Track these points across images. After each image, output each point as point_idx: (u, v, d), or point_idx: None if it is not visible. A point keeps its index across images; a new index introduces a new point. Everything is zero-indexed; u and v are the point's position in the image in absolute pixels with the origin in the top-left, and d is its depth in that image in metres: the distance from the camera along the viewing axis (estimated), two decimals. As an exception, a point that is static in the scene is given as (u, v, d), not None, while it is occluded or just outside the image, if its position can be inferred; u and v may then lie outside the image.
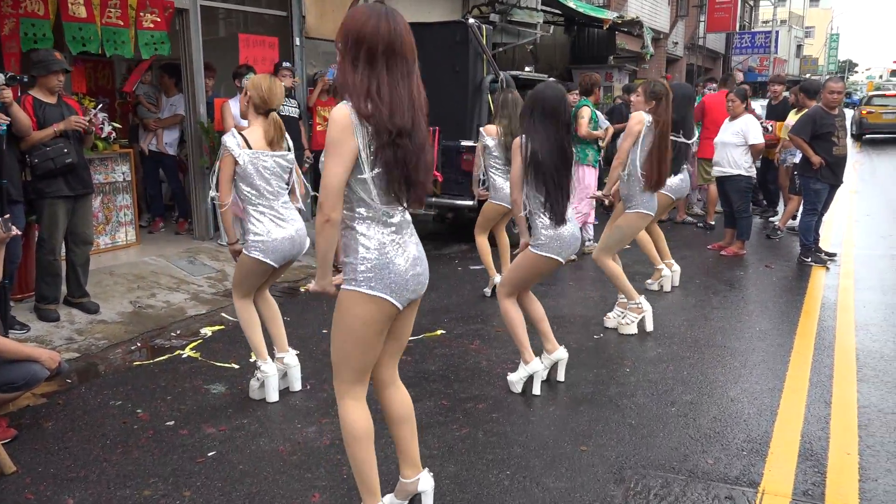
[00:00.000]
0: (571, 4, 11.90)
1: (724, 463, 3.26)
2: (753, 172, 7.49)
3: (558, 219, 3.81)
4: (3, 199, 4.44)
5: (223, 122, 6.93)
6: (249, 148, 3.71)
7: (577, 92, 8.06)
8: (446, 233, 8.84)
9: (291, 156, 3.90)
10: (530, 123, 3.80)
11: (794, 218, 8.58)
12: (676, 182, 5.97)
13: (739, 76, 12.15)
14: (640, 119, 4.87)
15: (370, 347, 2.45)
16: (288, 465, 3.25)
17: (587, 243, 7.52)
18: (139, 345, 5.02)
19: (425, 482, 2.74)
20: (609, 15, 12.34)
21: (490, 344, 4.89)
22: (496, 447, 3.41)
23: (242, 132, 3.75)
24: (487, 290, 6.16)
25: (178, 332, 5.30)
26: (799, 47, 51.37)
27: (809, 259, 7.01)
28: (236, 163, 3.69)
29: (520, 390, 4.05)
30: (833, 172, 6.86)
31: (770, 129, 8.62)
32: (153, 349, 4.94)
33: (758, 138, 7.33)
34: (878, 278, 6.56)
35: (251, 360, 4.61)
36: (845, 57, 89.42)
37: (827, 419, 3.69)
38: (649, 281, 6.20)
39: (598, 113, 9.03)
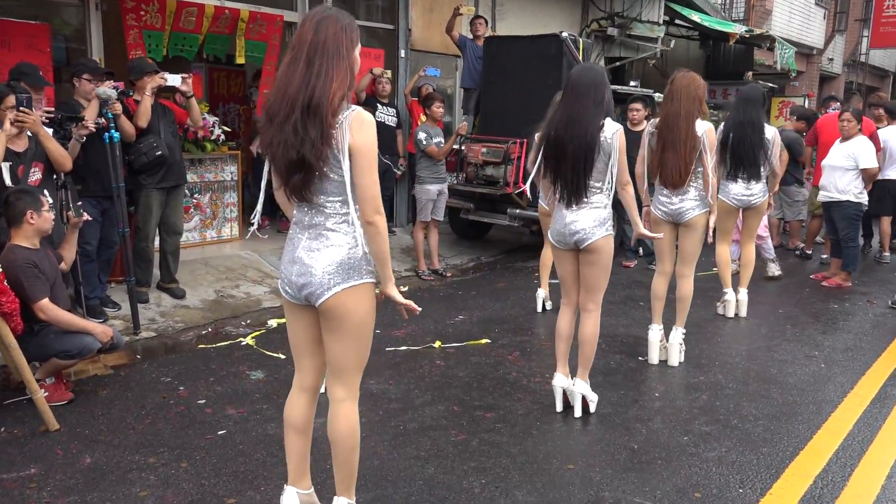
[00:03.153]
0: (696, 18, 11.47)
1: (710, 501, 3.09)
2: (864, 199, 6.90)
3: (567, 200, 3.70)
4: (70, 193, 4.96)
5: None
6: None
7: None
8: (537, 245, 8.80)
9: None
10: (558, 104, 3.76)
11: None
12: (739, 189, 5.65)
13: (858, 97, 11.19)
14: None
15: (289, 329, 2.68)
16: (281, 450, 3.42)
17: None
18: (210, 330, 5.46)
19: None
20: (736, 29, 11.75)
21: (528, 357, 4.88)
22: (484, 456, 3.43)
23: None
24: (539, 304, 6.08)
25: (249, 321, 5.70)
26: None
27: None
28: None
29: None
30: None
31: None
32: (220, 335, 5.35)
33: (870, 162, 6.76)
34: None
35: (298, 352, 4.91)
36: None
37: (853, 466, 3.39)
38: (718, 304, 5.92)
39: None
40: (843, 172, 6.82)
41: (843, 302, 6.48)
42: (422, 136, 7.03)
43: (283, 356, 4.84)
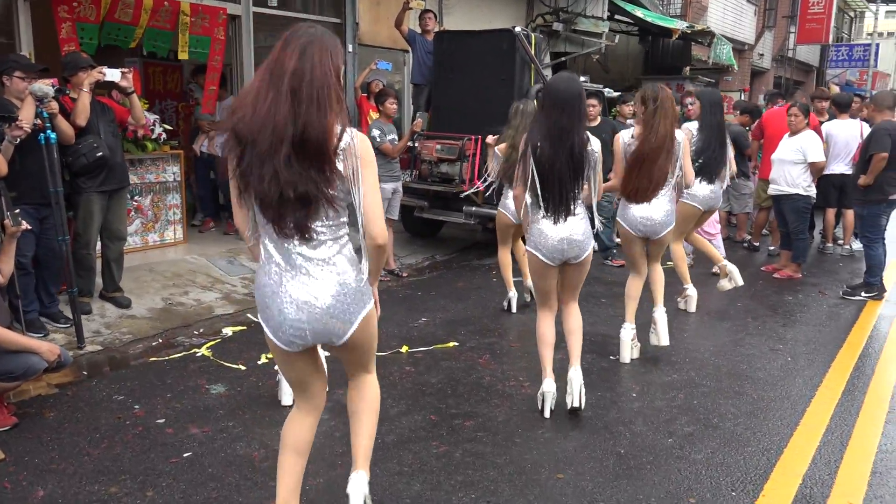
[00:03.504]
0: (639, 14, 11.58)
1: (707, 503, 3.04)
2: (813, 192, 7.04)
3: (556, 215, 3.66)
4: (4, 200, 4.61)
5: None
6: None
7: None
8: (490, 243, 8.72)
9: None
10: (539, 116, 3.69)
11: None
12: (705, 192, 5.65)
13: (835, 89, 11.50)
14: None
15: (285, 371, 2.55)
16: (255, 472, 3.24)
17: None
18: (160, 341, 5.15)
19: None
20: (679, 25, 11.93)
21: (499, 360, 4.76)
22: (470, 468, 3.29)
23: None
24: (504, 304, 6.00)
25: (201, 330, 5.41)
26: (905, 61, 48.39)
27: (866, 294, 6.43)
28: None
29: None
30: None
31: None
32: (172, 346, 5.05)
33: (818, 156, 6.90)
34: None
35: (259, 363, 4.67)
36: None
37: (837, 462, 3.40)
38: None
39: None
40: (792, 166, 6.94)
41: (796, 293, 6.60)
42: (375, 133, 6.82)
43: (242, 367, 4.60)
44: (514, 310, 5.89)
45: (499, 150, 5.64)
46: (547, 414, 3.83)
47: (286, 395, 3.95)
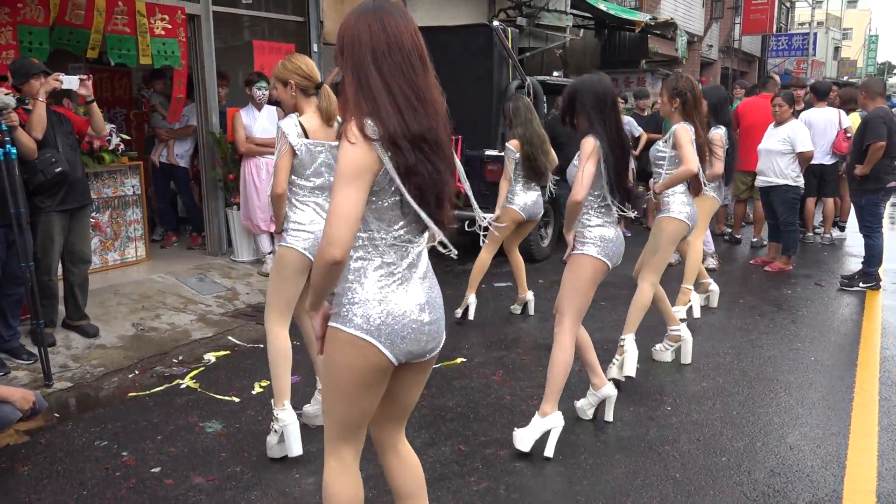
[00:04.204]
0: (602, 7, 11.43)
1: (787, 531, 2.78)
2: (801, 182, 6.94)
3: (613, 218, 3.54)
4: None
5: (234, 132, 6.60)
6: (307, 137, 3.33)
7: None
8: (470, 247, 8.41)
9: None
10: (593, 118, 3.39)
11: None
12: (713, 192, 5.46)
13: (776, 79, 11.56)
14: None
15: (354, 401, 2.02)
16: (280, 528, 2.85)
17: None
18: (137, 373, 4.67)
19: None
20: (642, 17, 11.83)
21: (514, 375, 4.45)
22: (519, 506, 2.97)
23: (301, 119, 3.37)
24: (517, 308, 5.73)
25: (181, 357, 4.94)
26: (837, 49, 50.09)
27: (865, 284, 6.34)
28: (294, 154, 3.31)
29: (590, 416, 3.73)
30: None
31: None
32: (151, 378, 4.58)
33: (806, 145, 6.79)
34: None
35: (254, 393, 4.26)
36: (883, 59, 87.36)
37: (905, 477, 3.19)
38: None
39: (631, 119, 8.57)
40: (780, 156, 6.82)
41: (794, 287, 6.47)
42: (353, 136, 6.43)
43: (236, 399, 4.17)
44: (470, 317, 5.56)
45: (512, 146, 5.35)
46: (609, 417, 3.71)
47: (293, 446, 3.48)
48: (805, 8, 36.17)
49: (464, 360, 4.72)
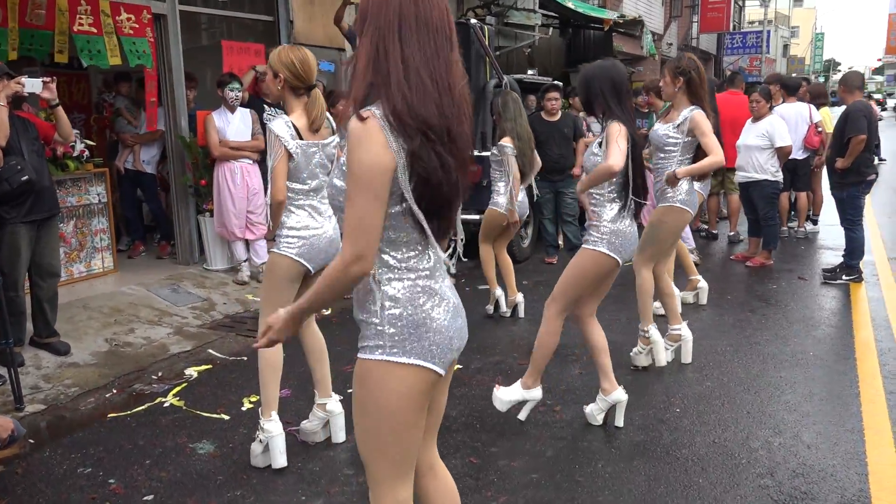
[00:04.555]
0: (570, 5, 11.40)
1: (821, 535, 2.70)
2: (780, 177, 6.96)
3: (628, 210, 3.44)
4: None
5: (206, 136, 6.34)
6: (300, 138, 3.14)
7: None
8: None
9: (336, 141, 3.34)
10: (612, 104, 3.31)
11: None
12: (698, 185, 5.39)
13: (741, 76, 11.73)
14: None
15: (412, 430, 1.84)
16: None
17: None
18: (115, 391, 4.41)
19: None
20: (610, 15, 11.84)
21: (515, 380, 4.30)
22: (543, 522, 2.83)
23: (291, 119, 3.19)
24: (490, 308, 5.62)
25: (160, 374, 4.69)
26: (785, 47, 51.34)
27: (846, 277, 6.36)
28: (290, 157, 3.12)
29: (600, 422, 3.62)
30: None
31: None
32: (131, 397, 4.33)
33: (785, 140, 6.81)
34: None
35: (243, 409, 4.05)
36: (829, 56, 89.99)
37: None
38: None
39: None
40: (759, 151, 6.83)
41: (777, 281, 6.48)
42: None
43: (225, 417, 3.95)
44: (504, 308, 5.49)
45: (507, 142, 5.22)
46: (619, 423, 3.59)
47: (279, 458, 3.33)
48: (755, 7, 36.97)
49: (460, 366, 4.56)
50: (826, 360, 4.51)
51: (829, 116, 8.35)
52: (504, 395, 3.64)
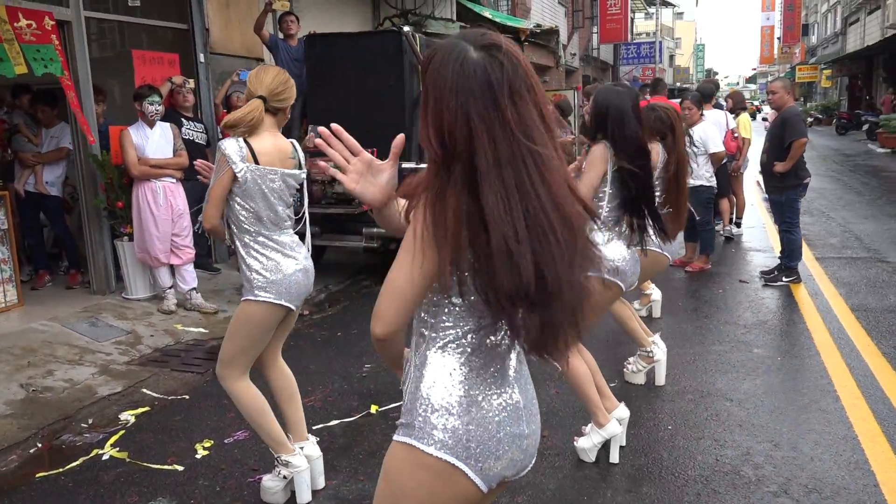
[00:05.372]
0: (487, 14, 11.35)
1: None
2: (715, 182, 7.07)
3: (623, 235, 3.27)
4: None
5: (123, 153, 5.79)
6: (256, 162, 2.81)
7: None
8: (384, 264, 7.96)
9: (303, 174, 3.04)
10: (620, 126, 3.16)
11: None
12: None
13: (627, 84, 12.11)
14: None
15: None
16: None
17: None
18: (40, 446, 3.86)
19: None
20: (527, 25, 11.88)
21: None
22: (568, 565, 2.60)
23: (249, 141, 2.84)
24: None
25: (91, 421, 4.16)
26: (671, 57, 53.88)
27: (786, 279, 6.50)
28: (235, 178, 2.78)
29: (593, 459, 3.32)
30: None
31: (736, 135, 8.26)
32: (61, 450, 3.80)
33: (718, 146, 6.92)
34: (851, 279, 6.24)
35: (198, 457, 3.61)
36: (709, 65, 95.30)
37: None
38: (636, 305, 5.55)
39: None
40: (692, 157, 6.90)
41: (720, 285, 6.55)
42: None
43: (179, 468, 3.51)
44: None
45: None
46: (614, 459, 3.32)
47: (304, 494, 3.08)
48: (640, 20, 38.63)
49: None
50: (795, 364, 4.51)
51: (749, 123, 8.60)
52: (586, 444, 3.32)
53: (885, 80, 29.70)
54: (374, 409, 4.07)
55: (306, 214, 3.11)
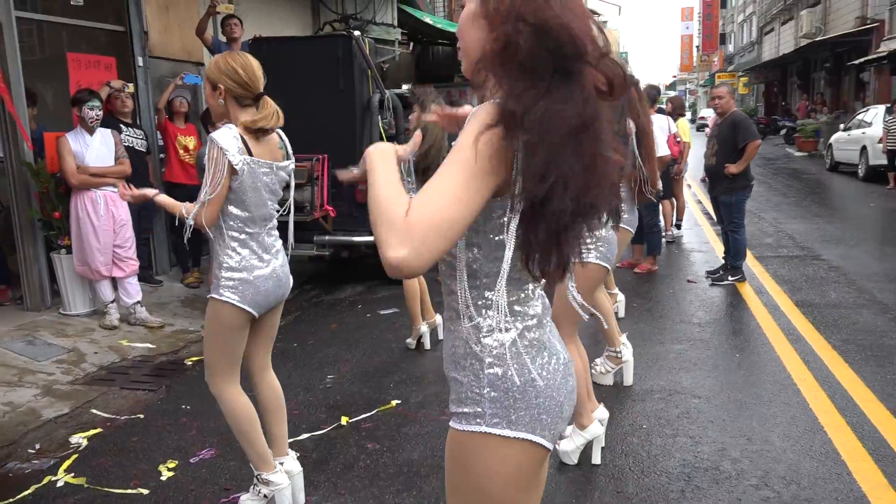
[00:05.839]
0: (428, 20, 11.33)
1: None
2: (660, 185, 7.20)
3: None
4: None
5: (61, 161, 5.49)
6: (249, 154, 2.69)
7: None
8: (331, 273, 7.82)
9: (292, 165, 2.94)
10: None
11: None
12: None
13: None
14: None
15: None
16: None
17: None
18: (-14, 474, 3.61)
19: None
20: (467, 30, 11.90)
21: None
22: (567, 571, 2.57)
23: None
24: (412, 342, 5.20)
25: (38, 446, 3.90)
26: (597, 65, 55.11)
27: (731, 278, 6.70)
28: (234, 171, 2.64)
29: (576, 461, 3.31)
30: None
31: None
32: (8, 479, 3.55)
33: (663, 149, 7.07)
34: (791, 277, 6.48)
35: (163, 479, 3.44)
36: (632, 73, 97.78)
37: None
38: None
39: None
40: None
41: (670, 286, 6.69)
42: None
43: (144, 491, 3.33)
44: (427, 346, 5.15)
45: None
46: (596, 460, 3.31)
47: None
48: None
49: (398, 401, 4.20)
50: (753, 360, 4.63)
51: (688, 127, 8.85)
52: (568, 447, 3.31)
53: (800, 86, 31.19)
54: (344, 420, 3.96)
55: (291, 210, 3.02)
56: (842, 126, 16.93)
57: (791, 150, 22.83)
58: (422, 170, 4.89)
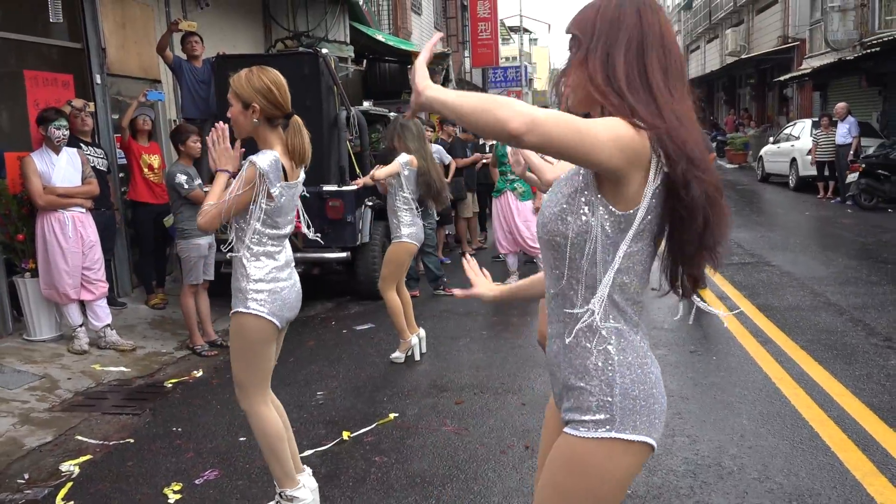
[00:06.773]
0: (380, 38, 11.41)
1: None
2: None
3: None
4: None
5: (26, 182, 5.33)
6: (286, 178, 2.75)
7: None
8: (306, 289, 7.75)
9: (303, 176, 3.00)
10: None
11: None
12: None
13: None
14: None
15: None
16: None
17: None
18: (-25, 509, 3.47)
19: None
20: (419, 49, 12.05)
21: (466, 422, 4.07)
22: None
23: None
24: (400, 357, 5.23)
25: (27, 476, 3.77)
26: (531, 81, 56.19)
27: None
28: (269, 197, 2.67)
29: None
30: None
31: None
32: (2, 511, 3.43)
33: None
34: (748, 282, 6.79)
35: (171, 501, 3.38)
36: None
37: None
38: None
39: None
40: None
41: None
42: (182, 178, 5.55)
43: (152, 516, 3.26)
44: (417, 358, 5.21)
45: (411, 163, 5.07)
46: None
47: None
48: (501, 45, 40.19)
49: (396, 414, 4.23)
50: (730, 362, 4.84)
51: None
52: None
53: (726, 101, 32.53)
54: (345, 435, 3.96)
55: (304, 223, 3.05)
56: (771, 139, 17.76)
57: (722, 162, 23.77)
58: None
